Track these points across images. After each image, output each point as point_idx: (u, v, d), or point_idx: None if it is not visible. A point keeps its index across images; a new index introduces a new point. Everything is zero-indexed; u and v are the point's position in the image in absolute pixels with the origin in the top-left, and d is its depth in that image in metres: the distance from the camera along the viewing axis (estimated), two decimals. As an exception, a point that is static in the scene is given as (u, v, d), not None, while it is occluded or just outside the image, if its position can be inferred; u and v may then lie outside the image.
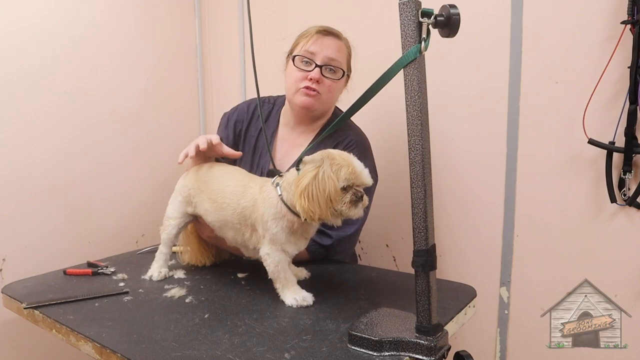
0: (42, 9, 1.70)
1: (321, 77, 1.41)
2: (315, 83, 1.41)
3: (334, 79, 1.44)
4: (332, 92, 1.46)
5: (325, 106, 1.48)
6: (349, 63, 1.49)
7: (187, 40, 2.25)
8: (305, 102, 1.43)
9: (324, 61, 1.42)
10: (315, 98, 1.43)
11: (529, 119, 1.47)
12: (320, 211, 1.03)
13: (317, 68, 1.41)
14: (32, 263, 1.66)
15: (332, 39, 1.44)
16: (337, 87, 1.47)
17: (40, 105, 1.72)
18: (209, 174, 1.30)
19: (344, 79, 1.48)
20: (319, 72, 1.41)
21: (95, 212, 1.90)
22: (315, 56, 1.41)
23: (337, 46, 1.44)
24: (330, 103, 1.51)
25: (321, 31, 1.44)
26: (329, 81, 1.43)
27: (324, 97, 1.45)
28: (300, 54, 1.43)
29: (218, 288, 1.27)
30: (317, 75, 1.41)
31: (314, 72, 1.41)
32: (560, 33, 1.39)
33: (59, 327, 1.08)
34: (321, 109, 1.48)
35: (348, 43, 1.49)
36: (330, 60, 1.42)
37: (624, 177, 1.32)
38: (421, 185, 0.86)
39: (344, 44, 1.47)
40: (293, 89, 1.45)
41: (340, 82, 1.46)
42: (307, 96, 1.42)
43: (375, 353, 0.90)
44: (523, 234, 1.52)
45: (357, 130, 1.51)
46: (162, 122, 2.14)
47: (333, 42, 1.43)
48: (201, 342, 0.96)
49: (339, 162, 1.06)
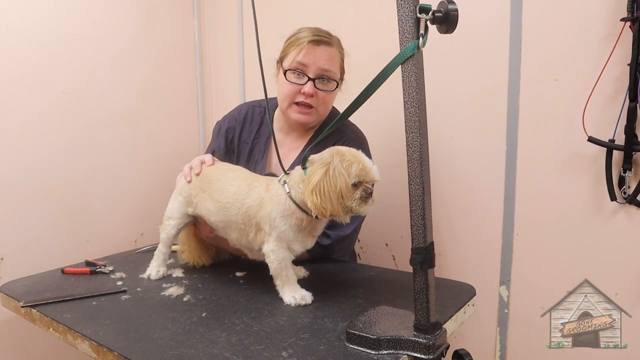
0: (41, 8, 1.70)
1: (315, 91, 1.38)
2: (309, 97, 1.38)
3: (328, 91, 1.41)
4: (327, 103, 1.44)
5: (321, 117, 1.47)
6: (342, 67, 1.46)
7: (186, 40, 2.25)
8: (301, 119, 1.42)
9: (317, 73, 1.38)
10: (309, 114, 1.42)
11: (528, 117, 1.46)
12: (332, 207, 1.04)
13: (310, 82, 1.38)
14: (31, 262, 1.66)
15: (323, 47, 1.39)
16: (332, 96, 1.44)
17: (39, 104, 1.71)
18: (212, 174, 1.30)
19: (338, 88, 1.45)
20: (312, 85, 1.38)
21: (94, 211, 1.89)
22: (308, 68, 1.37)
23: (329, 55, 1.39)
24: (326, 113, 1.48)
25: (312, 41, 1.38)
26: (323, 93, 1.40)
27: (320, 110, 1.43)
28: (292, 67, 1.38)
29: (216, 287, 1.26)
30: (311, 90, 1.37)
31: (308, 87, 1.37)
32: (560, 30, 1.38)
33: (56, 325, 1.07)
34: (317, 120, 1.47)
35: (339, 43, 1.45)
36: (323, 72, 1.38)
37: (624, 175, 1.31)
38: (419, 182, 0.86)
39: (336, 49, 1.42)
40: (286, 103, 1.43)
41: (335, 92, 1.44)
42: (301, 114, 1.41)
43: (373, 351, 0.90)
44: (523, 233, 1.51)
45: (352, 128, 1.50)
46: (161, 122, 2.14)
47: (325, 52, 1.39)
48: (198, 340, 0.96)
49: (349, 159, 1.06)
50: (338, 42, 1.45)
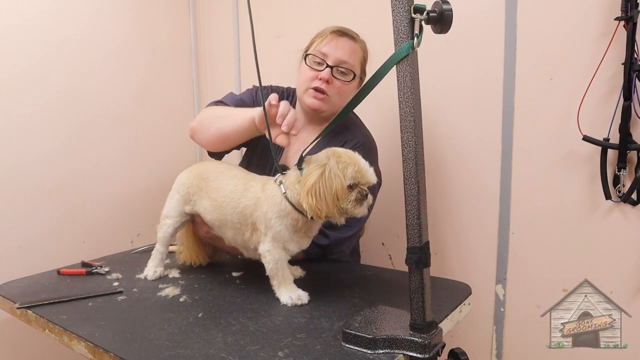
0: (36, 8, 1.69)
1: (331, 78, 1.40)
2: (325, 83, 1.40)
3: (345, 81, 1.43)
4: (342, 95, 1.44)
5: (334, 108, 1.46)
6: (363, 66, 1.48)
7: (182, 40, 2.25)
8: (314, 104, 1.43)
9: (336, 62, 1.41)
10: (323, 101, 1.42)
11: (524, 115, 1.46)
12: (327, 209, 1.04)
13: (328, 68, 1.40)
14: (27, 263, 1.65)
15: (346, 40, 1.42)
16: (348, 89, 1.45)
17: (34, 104, 1.71)
18: (209, 172, 1.30)
19: (355, 81, 1.46)
20: (330, 72, 1.40)
21: (90, 212, 1.89)
22: (328, 57, 1.40)
23: (351, 48, 1.43)
24: (340, 105, 1.46)
25: (336, 31, 1.43)
26: (339, 82, 1.42)
27: (334, 100, 1.44)
28: (312, 53, 1.42)
29: (212, 287, 1.26)
30: (327, 76, 1.40)
31: (324, 72, 1.40)
32: (555, 30, 1.39)
33: (52, 326, 1.07)
34: (330, 111, 1.46)
35: (365, 46, 1.48)
36: (341, 62, 1.41)
37: (619, 174, 1.32)
38: (414, 182, 0.86)
39: (359, 46, 1.46)
40: (303, 88, 1.45)
41: (351, 84, 1.45)
42: (315, 98, 1.42)
43: (369, 351, 0.90)
44: (519, 231, 1.52)
45: (365, 132, 1.51)
46: (157, 121, 2.13)
47: (347, 44, 1.42)
48: (194, 341, 0.96)
49: (345, 160, 1.06)
50: (363, 43, 1.48)
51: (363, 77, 1.50)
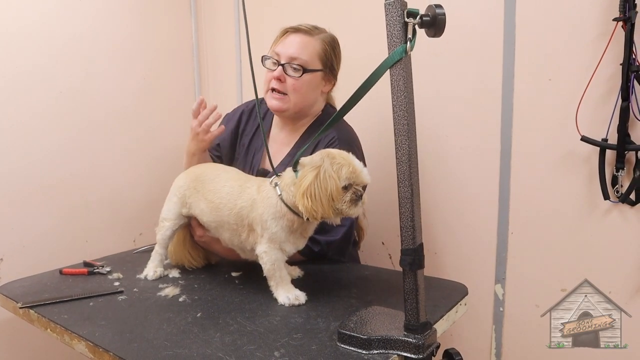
0: (38, 8, 1.71)
1: (283, 76, 1.41)
2: (279, 82, 1.41)
3: (296, 77, 1.41)
4: (300, 91, 1.43)
5: (297, 106, 1.45)
6: (325, 59, 1.45)
7: (183, 39, 2.25)
8: (273, 105, 1.45)
9: (287, 59, 1.40)
10: (282, 100, 1.43)
11: (522, 116, 1.46)
12: (322, 210, 1.05)
13: (280, 67, 1.41)
14: (30, 263, 1.67)
15: (298, 36, 1.42)
16: (304, 84, 1.42)
17: (37, 104, 1.73)
18: (205, 174, 1.31)
19: (315, 75, 1.43)
20: (281, 70, 1.40)
21: (92, 212, 1.91)
22: (280, 55, 1.41)
23: (302, 43, 1.41)
24: (304, 102, 1.46)
25: (289, 29, 1.43)
26: (292, 80, 1.41)
27: (292, 97, 1.43)
28: (268, 54, 1.44)
29: (212, 287, 1.27)
30: (278, 74, 1.41)
31: (276, 71, 1.41)
32: (553, 30, 1.38)
33: (53, 326, 1.09)
34: (293, 109, 1.46)
35: (327, 37, 1.45)
36: (292, 59, 1.40)
37: (617, 174, 1.32)
38: (408, 185, 0.87)
39: (316, 39, 1.43)
40: (264, 90, 1.47)
41: (304, 79, 1.41)
42: (274, 99, 1.44)
43: (364, 351, 0.91)
44: (517, 231, 1.52)
45: (341, 127, 1.47)
46: (159, 121, 2.15)
47: (298, 39, 1.41)
48: (193, 340, 0.97)
49: (340, 162, 1.07)
50: (325, 35, 1.46)
51: (333, 70, 1.48)
